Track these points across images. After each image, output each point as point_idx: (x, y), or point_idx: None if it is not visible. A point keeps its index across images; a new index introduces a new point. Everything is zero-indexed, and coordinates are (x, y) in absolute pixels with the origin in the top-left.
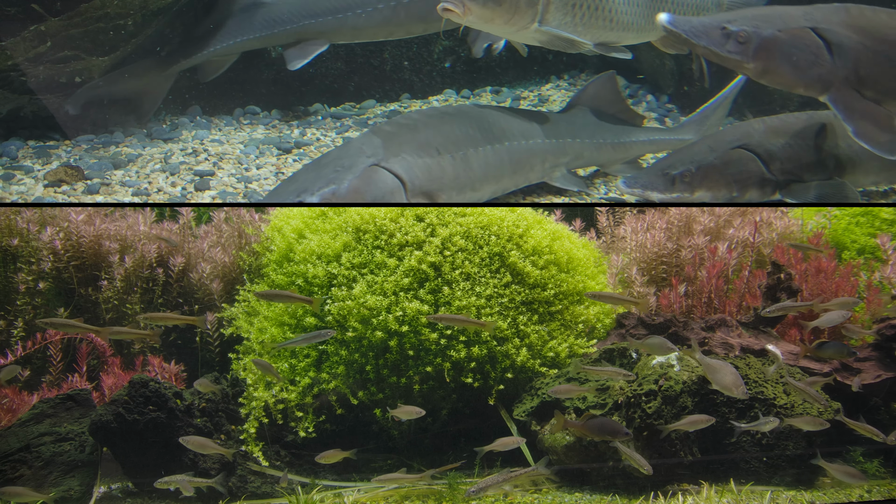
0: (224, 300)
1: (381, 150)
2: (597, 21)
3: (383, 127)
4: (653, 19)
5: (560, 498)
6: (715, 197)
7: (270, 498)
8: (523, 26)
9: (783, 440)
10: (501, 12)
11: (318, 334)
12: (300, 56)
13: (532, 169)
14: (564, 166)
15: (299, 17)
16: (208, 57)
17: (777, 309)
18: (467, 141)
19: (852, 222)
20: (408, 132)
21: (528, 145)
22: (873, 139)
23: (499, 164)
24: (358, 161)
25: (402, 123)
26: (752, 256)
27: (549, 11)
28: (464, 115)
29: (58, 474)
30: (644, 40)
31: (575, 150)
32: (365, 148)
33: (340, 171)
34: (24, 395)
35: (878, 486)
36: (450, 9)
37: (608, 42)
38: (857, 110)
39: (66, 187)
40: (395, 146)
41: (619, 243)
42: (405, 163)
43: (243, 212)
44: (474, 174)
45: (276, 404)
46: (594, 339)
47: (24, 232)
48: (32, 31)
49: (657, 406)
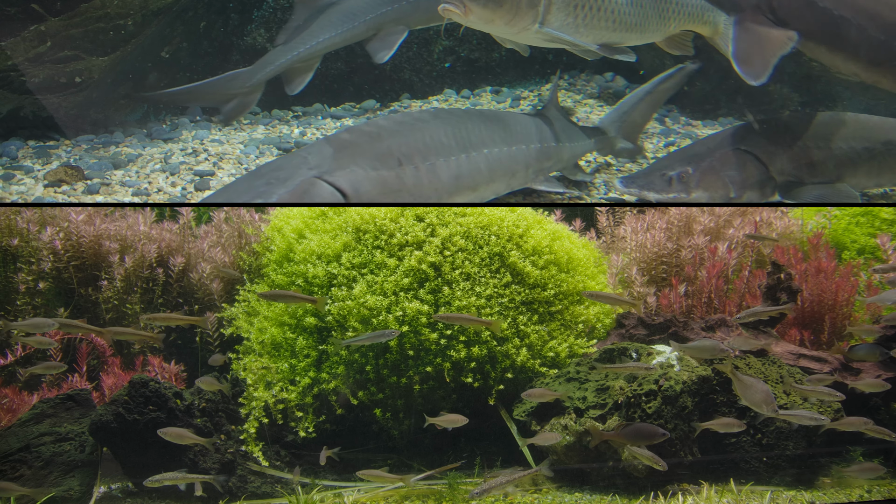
0: (224, 300)
1: (328, 161)
2: (599, 22)
3: (341, 135)
4: (657, 19)
5: (560, 498)
6: (712, 198)
7: (270, 498)
8: (524, 27)
9: (783, 440)
10: (502, 13)
11: (383, 333)
12: (385, 47)
13: (514, 175)
14: (547, 170)
15: (376, 6)
16: (292, 63)
17: (748, 315)
18: (438, 150)
19: (852, 222)
20: (368, 141)
21: (510, 152)
22: (746, 62)
23: (474, 173)
24: (297, 173)
25: (365, 131)
26: (752, 256)
27: (550, 12)
28: (440, 122)
29: (58, 474)
30: (648, 41)
31: (559, 153)
32: (311, 158)
33: (273, 183)
34: (24, 395)
35: (879, 486)
36: (450, 9)
37: (611, 43)
38: (750, 32)
39: (66, 187)
40: (347, 157)
41: (619, 243)
42: (353, 176)
43: (243, 212)
44: (442, 185)
45: (276, 404)
46: (594, 339)
47: (24, 232)
48: (32, 31)
49: (657, 406)
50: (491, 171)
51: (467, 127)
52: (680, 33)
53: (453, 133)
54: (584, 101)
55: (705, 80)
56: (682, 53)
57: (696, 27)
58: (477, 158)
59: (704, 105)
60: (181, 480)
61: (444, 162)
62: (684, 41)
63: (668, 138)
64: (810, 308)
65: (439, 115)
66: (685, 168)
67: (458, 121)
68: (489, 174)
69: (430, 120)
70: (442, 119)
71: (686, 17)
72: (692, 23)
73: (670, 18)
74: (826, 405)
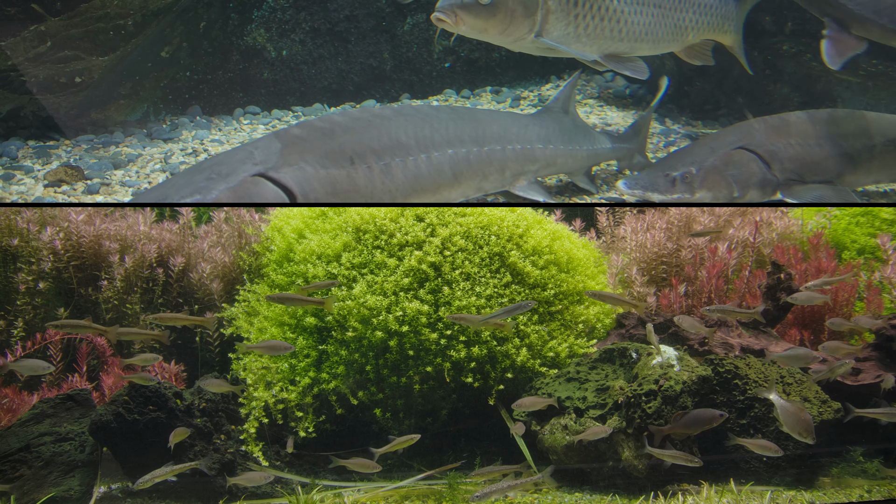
0: (224, 300)
1: (275, 156)
2: (604, 31)
3: (291, 130)
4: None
5: (560, 498)
6: (716, 197)
7: (270, 498)
8: (520, 37)
9: (783, 440)
10: (496, 23)
11: (519, 306)
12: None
13: (486, 178)
14: (533, 174)
15: None
16: None
17: (717, 310)
18: (395, 149)
19: (852, 222)
20: (320, 137)
21: (479, 153)
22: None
23: (435, 175)
24: (240, 168)
25: (317, 127)
26: (752, 256)
27: (548, 21)
28: (402, 119)
29: (58, 474)
30: (663, 51)
31: (546, 156)
32: (256, 154)
33: (214, 179)
34: (24, 395)
35: (878, 486)
36: (442, 18)
37: (619, 53)
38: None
39: (66, 187)
40: (296, 153)
41: (619, 243)
42: (301, 174)
43: (243, 212)
44: (397, 187)
45: (276, 404)
46: (594, 339)
47: (24, 232)
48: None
49: (657, 406)
50: (456, 173)
51: (432, 125)
52: (700, 42)
53: (414, 132)
54: (584, 101)
55: (705, 80)
56: (703, 63)
57: (717, 37)
58: (440, 159)
59: (704, 105)
60: (169, 473)
61: (401, 162)
62: (704, 51)
63: (668, 138)
64: (810, 308)
65: (402, 112)
66: (688, 168)
67: (422, 119)
68: (453, 176)
69: (391, 117)
70: (405, 116)
71: (706, 27)
72: (713, 32)
73: (688, 28)
74: (826, 405)
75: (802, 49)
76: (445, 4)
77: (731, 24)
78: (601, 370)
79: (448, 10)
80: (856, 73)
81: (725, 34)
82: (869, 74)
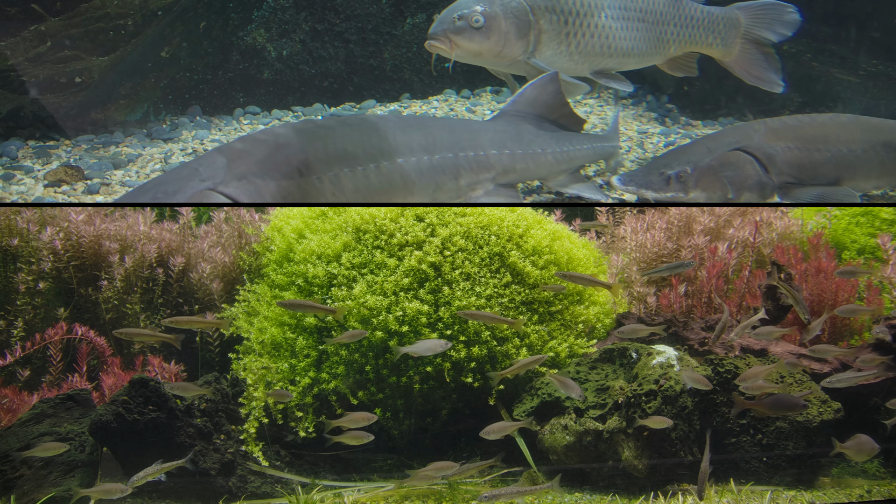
0: (224, 300)
1: (222, 171)
2: (593, 49)
3: (234, 144)
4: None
5: (560, 498)
6: (710, 198)
7: (270, 498)
8: (514, 59)
9: (783, 440)
10: (490, 46)
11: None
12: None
13: (440, 187)
14: (490, 182)
15: None
16: None
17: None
18: (342, 159)
19: (852, 222)
20: (264, 150)
21: (430, 162)
22: None
23: (384, 185)
24: (187, 185)
25: (260, 140)
26: (752, 256)
27: (541, 42)
28: (347, 129)
29: (58, 474)
30: (647, 65)
31: (503, 163)
32: (202, 169)
33: (160, 198)
34: (24, 395)
35: (878, 486)
36: (436, 45)
37: (607, 69)
38: None
39: (66, 187)
40: (243, 167)
41: (619, 243)
42: (251, 187)
43: (243, 212)
44: (347, 198)
45: (276, 404)
46: (594, 339)
47: (24, 232)
48: (32, 31)
49: (657, 406)
50: (407, 183)
51: (379, 135)
52: (683, 55)
53: (361, 141)
54: (583, 101)
55: (705, 80)
56: (687, 75)
57: (703, 50)
58: (389, 168)
59: (704, 105)
60: (160, 471)
61: (350, 172)
62: (689, 63)
63: (668, 138)
64: (810, 308)
65: (347, 122)
66: (683, 168)
67: (368, 128)
68: (405, 186)
69: (335, 127)
70: (350, 126)
71: (688, 41)
72: (696, 46)
73: (670, 42)
74: (826, 405)
75: (802, 49)
76: (438, 30)
77: (718, 38)
78: (601, 370)
79: (441, 35)
80: (856, 73)
81: (711, 47)
82: (869, 74)
